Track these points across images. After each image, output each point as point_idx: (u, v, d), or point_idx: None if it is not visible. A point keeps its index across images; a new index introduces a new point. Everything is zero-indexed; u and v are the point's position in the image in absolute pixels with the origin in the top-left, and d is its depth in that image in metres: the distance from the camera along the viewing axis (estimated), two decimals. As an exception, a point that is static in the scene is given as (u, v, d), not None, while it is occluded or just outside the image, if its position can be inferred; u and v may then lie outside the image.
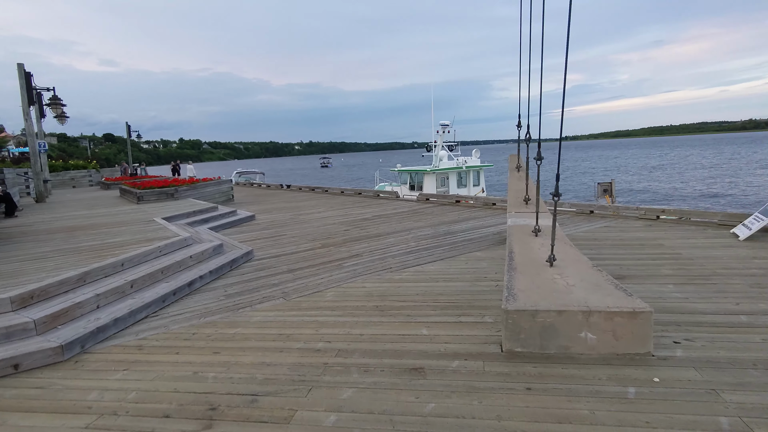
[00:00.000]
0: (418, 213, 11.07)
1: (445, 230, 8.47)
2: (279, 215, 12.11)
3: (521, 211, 5.97)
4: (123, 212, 11.27)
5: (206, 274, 5.94)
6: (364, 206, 13.04)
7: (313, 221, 10.62)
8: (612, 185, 14.84)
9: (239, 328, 4.24)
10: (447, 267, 5.83)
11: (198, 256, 6.50)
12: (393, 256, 6.66)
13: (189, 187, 14.65)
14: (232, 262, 6.62)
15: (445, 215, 10.42)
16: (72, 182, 28.82)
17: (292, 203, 14.92)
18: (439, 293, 4.81)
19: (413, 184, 22.35)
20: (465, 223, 9.11)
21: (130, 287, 5.16)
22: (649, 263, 5.50)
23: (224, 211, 11.55)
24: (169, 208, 11.71)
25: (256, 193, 20.61)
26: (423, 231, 8.53)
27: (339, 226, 9.75)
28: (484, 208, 11.22)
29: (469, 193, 22.16)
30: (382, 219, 10.38)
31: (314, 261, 6.66)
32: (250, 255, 7.15)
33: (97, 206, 13.58)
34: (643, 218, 8.21)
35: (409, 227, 9.06)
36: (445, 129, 23.27)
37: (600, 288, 3.57)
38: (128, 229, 8.19)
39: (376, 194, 15.49)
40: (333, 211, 12.38)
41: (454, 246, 7.06)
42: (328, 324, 4.18)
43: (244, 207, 14.33)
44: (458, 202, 12.24)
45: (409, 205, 12.68)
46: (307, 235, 8.86)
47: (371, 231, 8.87)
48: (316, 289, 5.30)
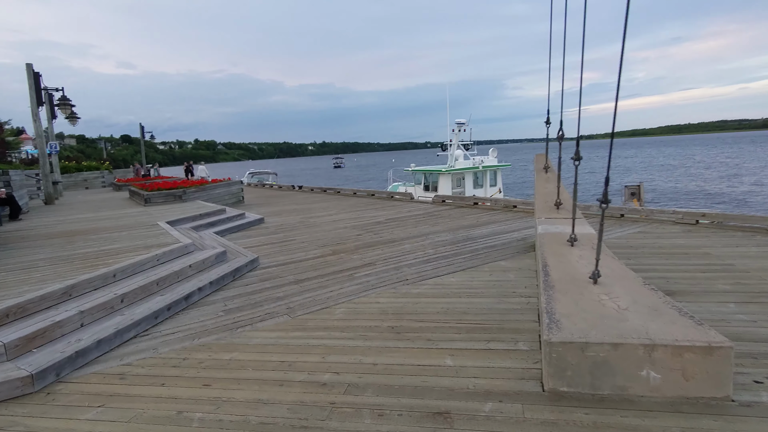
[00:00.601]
0: (434, 216, 10.50)
1: (464, 236, 7.90)
2: (289, 218, 11.63)
3: (552, 216, 5.38)
4: (128, 215, 10.88)
5: (206, 286, 5.44)
6: (378, 208, 12.51)
7: (323, 225, 10.12)
8: (640, 188, 14.04)
9: (236, 353, 3.73)
10: (469, 279, 5.26)
11: (198, 265, 6.02)
12: (409, 265, 6.11)
13: (198, 188, 14.26)
14: (235, 271, 6.12)
15: (463, 219, 9.84)
16: (85, 183, 28.76)
17: (303, 205, 14.45)
18: (462, 311, 4.25)
19: (428, 184, 21.74)
20: (485, 228, 8.52)
21: (120, 302, 4.68)
22: (698, 276, 4.88)
23: (232, 214, 11.10)
24: (176, 210, 11.30)
25: (268, 194, 20.20)
26: (440, 236, 7.97)
27: (351, 230, 9.23)
28: (504, 210, 10.62)
29: (486, 193, 21.50)
30: (397, 222, 9.83)
31: (324, 270, 6.14)
32: (255, 263, 6.66)
33: (103, 208, 13.24)
34: (681, 223, 7.55)
35: (425, 232, 8.50)
36: (461, 127, 22.56)
37: (659, 313, 2.99)
38: (129, 234, 7.76)
39: (390, 196, 14.95)
40: (345, 213, 11.86)
41: (476, 254, 6.49)
42: (336, 349, 3.65)
43: (253, 209, 13.89)
44: (476, 205, 11.64)
45: (425, 208, 12.12)
46: (317, 240, 8.35)
47: (385, 236, 8.33)
48: (325, 304, 4.78)
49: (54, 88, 16.60)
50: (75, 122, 21.16)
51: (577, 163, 4.17)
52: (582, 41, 4.03)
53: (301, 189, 20.79)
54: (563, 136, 5.09)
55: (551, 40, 5.85)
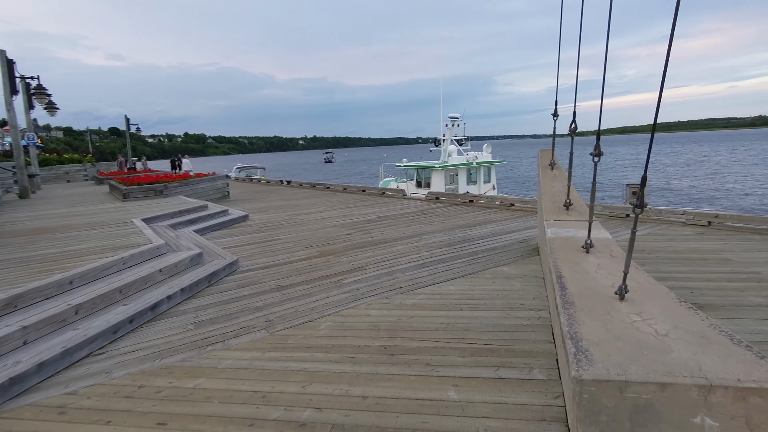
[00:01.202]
0: (428, 214, 9.98)
1: (461, 236, 7.38)
2: (275, 215, 11.05)
3: (562, 219, 4.87)
4: (103, 211, 10.23)
5: (176, 293, 4.87)
6: (368, 205, 11.96)
7: (311, 223, 9.55)
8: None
9: (202, 379, 3.17)
10: (470, 287, 4.74)
11: (170, 269, 5.44)
12: (403, 270, 5.57)
13: (180, 183, 13.61)
14: (211, 275, 5.55)
15: (458, 217, 9.33)
16: (66, 176, 27.91)
17: (291, 201, 13.86)
18: (465, 328, 3.72)
19: (420, 180, 21.18)
20: (483, 228, 8.01)
21: (75, 314, 4.10)
22: (725, 287, 4.40)
23: (214, 210, 10.50)
24: (155, 206, 10.67)
25: (255, 189, 19.56)
26: (436, 237, 7.44)
27: (340, 229, 8.68)
28: (501, 209, 10.12)
29: (480, 190, 21.00)
30: (389, 221, 9.30)
31: (309, 275, 5.59)
32: (234, 266, 6.09)
33: (80, 203, 12.56)
34: (692, 224, 7.09)
35: (419, 232, 7.97)
36: (454, 122, 21.96)
37: (708, 341, 2.48)
38: (99, 233, 7.15)
39: (382, 192, 14.40)
40: (334, 210, 11.30)
41: (475, 258, 5.97)
42: (319, 375, 3.11)
43: (238, 205, 13.29)
44: (472, 202, 11.13)
45: (417, 205, 11.59)
46: (304, 240, 7.79)
47: (376, 236, 7.79)
48: (308, 316, 4.23)
49: (30, 77, 15.81)
50: (54, 113, 20.35)
51: (597, 160, 3.66)
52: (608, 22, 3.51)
53: (289, 184, 20.19)
54: (576, 129, 4.57)
55: (561, 28, 5.34)
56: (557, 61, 5.31)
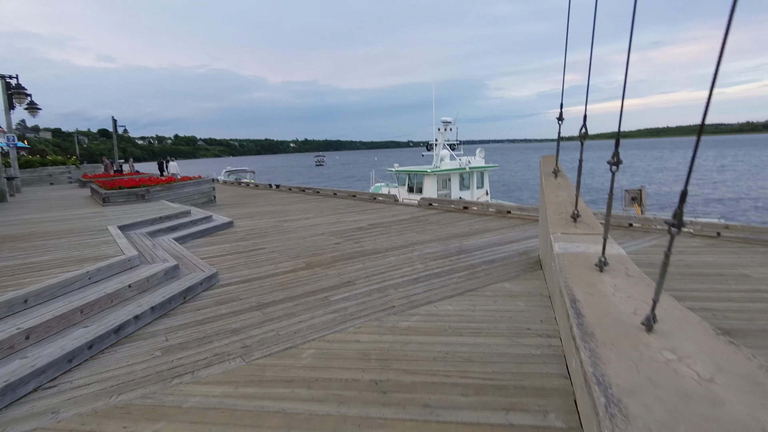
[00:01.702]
0: (422, 222, 9.57)
1: (457, 247, 6.97)
2: (261, 221, 10.57)
3: (570, 232, 4.48)
4: (79, 217, 9.70)
5: (146, 312, 4.40)
6: (359, 211, 11.53)
7: (299, 230, 9.10)
8: (642, 193, 13.18)
9: (162, 422, 2.72)
10: (470, 307, 4.32)
11: (141, 284, 4.96)
12: (395, 285, 5.14)
13: (164, 187, 13.08)
14: (186, 291, 5.08)
15: (453, 225, 8.92)
16: (50, 179, 27.17)
17: (279, 206, 13.39)
18: (466, 358, 3.30)
19: (412, 185, 20.76)
20: (480, 238, 7.60)
21: (25, 339, 3.63)
22: (749, 307, 4.03)
23: (197, 216, 10.00)
24: (134, 212, 10.15)
25: (243, 193, 19.05)
26: (430, 247, 7.03)
27: (329, 237, 8.23)
28: (497, 216, 9.73)
29: (473, 196, 20.63)
30: (380, 229, 8.87)
31: (293, 290, 5.14)
32: (213, 279, 5.62)
33: (56, 208, 12.00)
34: (700, 235, 6.74)
35: (412, 241, 7.55)
36: (447, 126, 21.57)
37: (764, 389, 2.08)
38: (68, 242, 6.65)
39: (373, 197, 13.98)
40: (323, 217, 10.86)
41: (473, 272, 5.56)
42: (299, 419, 2.67)
43: (224, 210, 12.80)
44: (466, 209, 10.74)
45: (410, 212, 11.18)
46: (290, 249, 7.34)
47: (367, 246, 7.35)
48: (290, 341, 3.78)
49: (8, 76, 15.21)
50: (35, 113, 19.74)
51: (615, 169, 3.27)
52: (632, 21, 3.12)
53: (278, 188, 19.70)
54: (586, 134, 4.17)
55: (568, 29, 4.97)
56: (563, 62, 4.93)
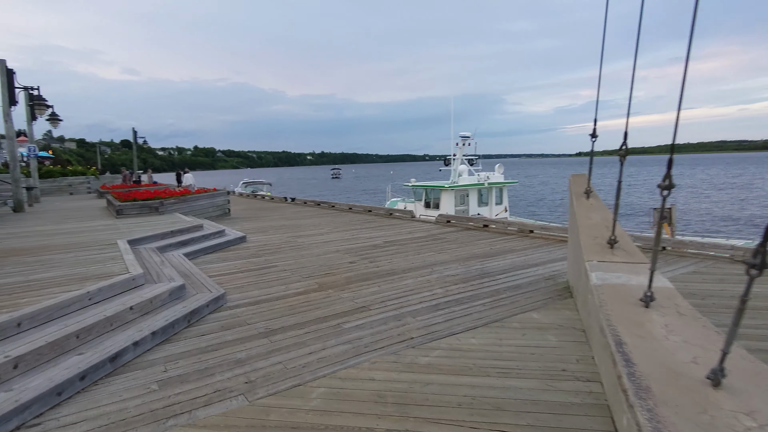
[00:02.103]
0: (440, 240, 9.20)
1: (478, 269, 6.59)
2: (275, 236, 10.31)
3: (606, 260, 4.08)
4: (91, 229, 9.55)
5: (146, 338, 4.11)
6: (375, 228, 11.21)
7: (312, 247, 8.80)
8: (672, 212, 12.57)
9: (150, 476, 2.39)
10: (496, 342, 3.93)
11: (143, 305, 4.68)
12: (414, 312, 4.78)
13: (178, 200, 12.94)
14: (191, 314, 4.79)
15: (473, 244, 8.54)
16: (69, 189, 27.45)
17: (293, 221, 13.14)
18: (496, 405, 2.92)
19: (429, 201, 20.38)
20: (502, 259, 7.21)
21: (13, 368, 3.35)
22: (813, 350, 3.58)
23: (210, 230, 9.78)
24: (147, 225, 9.98)
25: (258, 206, 18.89)
26: (450, 269, 6.66)
27: (343, 255, 7.92)
28: (519, 236, 9.32)
29: (491, 212, 20.16)
30: (396, 247, 8.52)
31: (304, 315, 4.82)
32: (220, 301, 5.33)
33: (71, 219, 11.92)
34: (742, 261, 6.26)
35: (430, 262, 7.19)
36: (465, 141, 21.22)
37: None
38: (74, 257, 6.44)
39: (389, 213, 13.65)
40: (338, 233, 10.56)
41: (497, 298, 5.17)
42: (305, 479, 2.32)
43: (238, 224, 12.59)
44: (486, 227, 10.35)
45: (427, 229, 10.82)
46: (303, 268, 7.03)
47: (383, 265, 7.01)
48: (299, 377, 3.44)
49: (30, 87, 15.34)
50: (57, 124, 19.97)
51: (667, 194, 2.90)
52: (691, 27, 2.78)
53: (293, 201, 19.52)
54: (627, 151, 3.80)
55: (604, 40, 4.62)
56: (598, 74, 4.58)
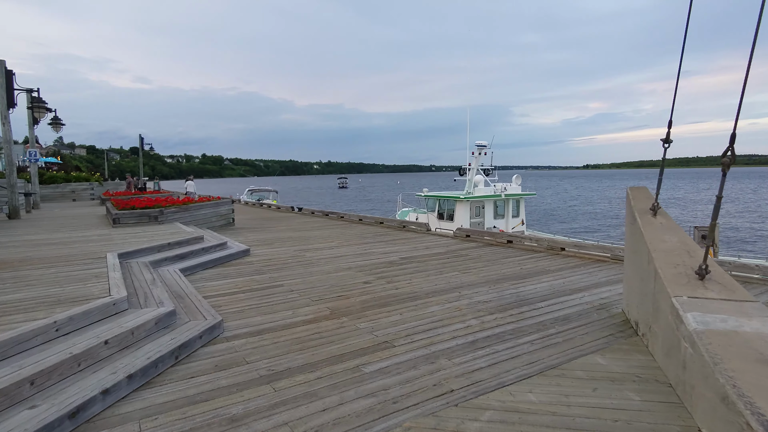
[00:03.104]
0: (461, 257, 8.38)
1: (513, 294, 5.75)
2: (281, 250, 9.53)
3: (699, 295, 3.23)
4: (83, 239, 8.82)
5: (120, 383, 3.30)
6: (388, 241, 10.40)
7: (322, 262, 8.01)
8: (716, 231, 11.45)
9: None
10: (562, 398, 3.08)
11: (122, 338, 3.89)
12: (448, 351, 3.95)
13: (179, 208, 12.20)
14: (180, 348, 3.99)
15: (500, 263, 7.71)
16: (72, 195, 26.91)
17: (301, 232, 12.36)
18: None
19: (442, 212, 19.50)
20: (537, 281, 6.38)
21: (-63, 431, 2.56)
22: None
23: (211, 243, 9.01)
24: (143, 236, 9.24)
25: (264, 216, 18.15)
26: (480, 293, 5.83)
27: (356, 273, 7.11)
28: (549, 253, 8.48)
29: (508, 225, 19.29)
30: (415, 265, 7.71)
31: (315, 352, 4.00)
32: (216, 330, 4.53)
33: (66, 227, 11.21)
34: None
35: (456, 283, 6.37)
36: (481, 151, 20.39)
37: None
38: (54, 273, 5.67)
39: (402, 225, 12.83)
40: (349, 246, 9.76)
41: (546, 335, 4.33)
42: None
43: (242, 235, 11.83)
44: (511, 243, 9.51)
45: (445, 243, 10.00)
46: (312, 288, 6.23)
47: (402, 287, 6.20)
48: (310, 447, 2.63)
49: (30, 89, 14.74)
50: (59, 128, 19.40)
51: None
52: None
53: (300, 212, 18.77)
54: (733, 159, 2.99)
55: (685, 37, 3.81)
56: (677, 71, 3.78)
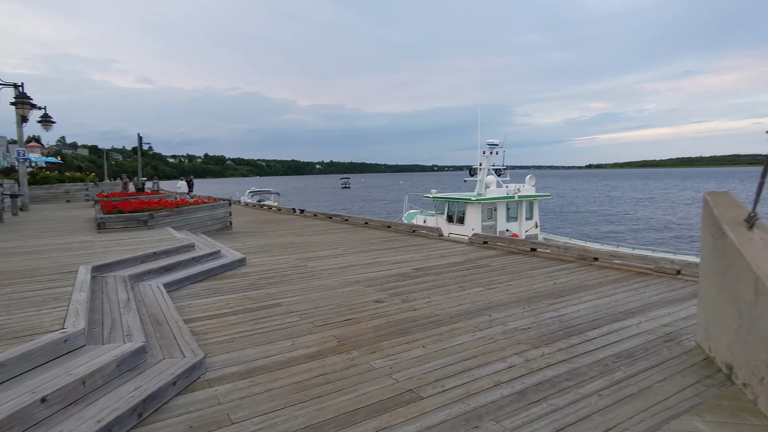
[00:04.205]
0: (483, 268, 7.45)
1: (554, 319, 4.83)
2: (280, 258, 8.62)
3: None
4: (60, 247, 7.92)
5: (53, 464, 2.40)
6: (398, 248, 9.49)
7: (326, 274, 7.10)
8: None
9: None
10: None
11: (67, 392, 2.97)
12: (492, 408, 3.03)
13: (171, 211, 11.30)
14: (145, 401, 3.07)
15: (528, 276, 6.78)
16: (66, 196, 26.02)
17: (303, 237, 11.45)
18: None
19: (451, 214, 18.52)
20: (577, 300, 5.45)
21: None
22: None
23: (202, 251, 8.11)
24: (129, 243, 8.34)
25: (264, 218, 17.24)
26: (514, 316, 4.91)
27: (365, 288, 6.20)
28: (582, 264, 7.53)
29: (521, 228, 18.33)
30: (431, 277, 6.79)
31: (320, 405, 3.08)
32: (195, 371, 3.61)
33: (49, 233, 10.31)
34: None
35: (482, 303, 5.44)
36: (492, 150, 19.41)
37: None
38: (8, 295, 4.77)
39: (412, 230, 11.90)
40: (355, 254, 8.85)
41: (613, 379, 3.40)
42: None
43: (239, 240, 10.92)
44: (535, 251, 8.59)
45: (461, 251, 9.08)
46: (315, 309, 5.32)
47: (420, 307, 5.28)
48: None
49: (15, 84, 13.85)
50: (49, 127, 18.55)
51: None
52: None
53: (302, 213, 17.86)
54: None
55: None
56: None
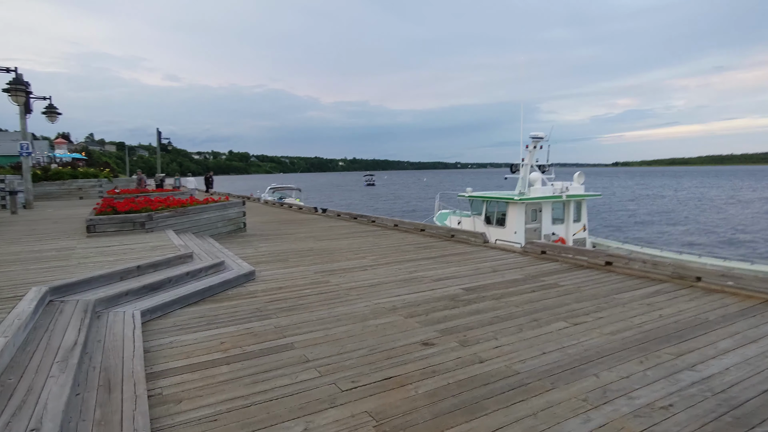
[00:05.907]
0: (551, 288, 5.81)
1: (700, 388, 3.18)
2: (297, 271, 7.11)
3: None
4: (33, 256, 6.57)
5: None
6: (437, 258, 7.90)
7: (352, 296, 5.56)
8: None
9: None
10: None
11: None
12: None
13: (174, 212, 9.90)
14: None
15: (617, 303, 5.11)
16: (79, 192, 25.18)
17: (324, 241, 9.95)
18: None
19: (490, 215, 16.71)
20: (713, 348, 3.78)
21: None
22: None
23: (201, 264, 6.64)
24: (116, 251, 6.95)
25: (282, 218, 15.80)
26: (634, 379, 3.28)
27: (406, 320, 4.63)
28: (679, 285, 5.82)
29: (568, 231, 16.46)
30: (489, 302, 5.19)
31: None
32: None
33: (34, 235, 9.04)
34: None
35: (575, 350, 3.83)
36: (536, 144, 17.44)
37: None
38: None
39: (450, 234, 10.27)
40: (387, 266, 7.29)
41: None
42: None
43: (251, 246, 9.48)
44: (610, 265, 6.89)
45: (516, 263, 7.45)
46: (339, 355, 3.77)
47: (488, 355, 3.69)
48: None
49: (8, 68, 12.65)
50: (54, 119, 17.44)
51: None
52: None
53: (325, 213, 16.38)
54: None
55: None
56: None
